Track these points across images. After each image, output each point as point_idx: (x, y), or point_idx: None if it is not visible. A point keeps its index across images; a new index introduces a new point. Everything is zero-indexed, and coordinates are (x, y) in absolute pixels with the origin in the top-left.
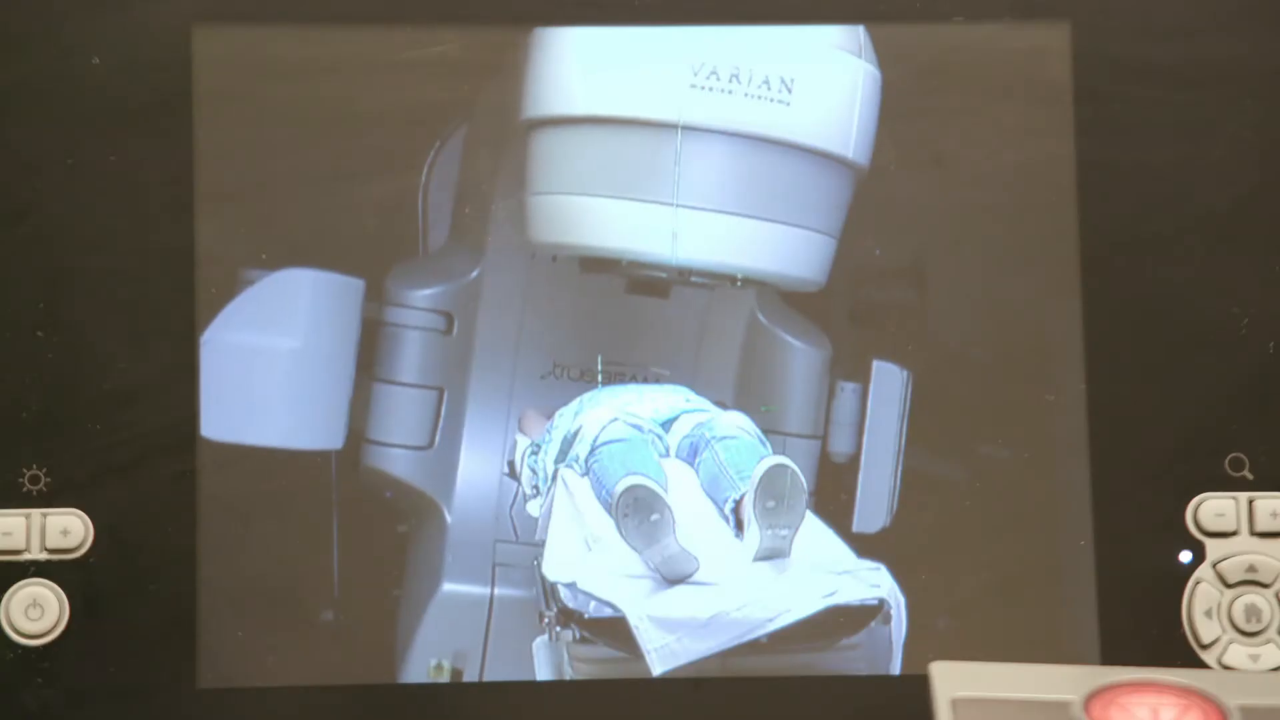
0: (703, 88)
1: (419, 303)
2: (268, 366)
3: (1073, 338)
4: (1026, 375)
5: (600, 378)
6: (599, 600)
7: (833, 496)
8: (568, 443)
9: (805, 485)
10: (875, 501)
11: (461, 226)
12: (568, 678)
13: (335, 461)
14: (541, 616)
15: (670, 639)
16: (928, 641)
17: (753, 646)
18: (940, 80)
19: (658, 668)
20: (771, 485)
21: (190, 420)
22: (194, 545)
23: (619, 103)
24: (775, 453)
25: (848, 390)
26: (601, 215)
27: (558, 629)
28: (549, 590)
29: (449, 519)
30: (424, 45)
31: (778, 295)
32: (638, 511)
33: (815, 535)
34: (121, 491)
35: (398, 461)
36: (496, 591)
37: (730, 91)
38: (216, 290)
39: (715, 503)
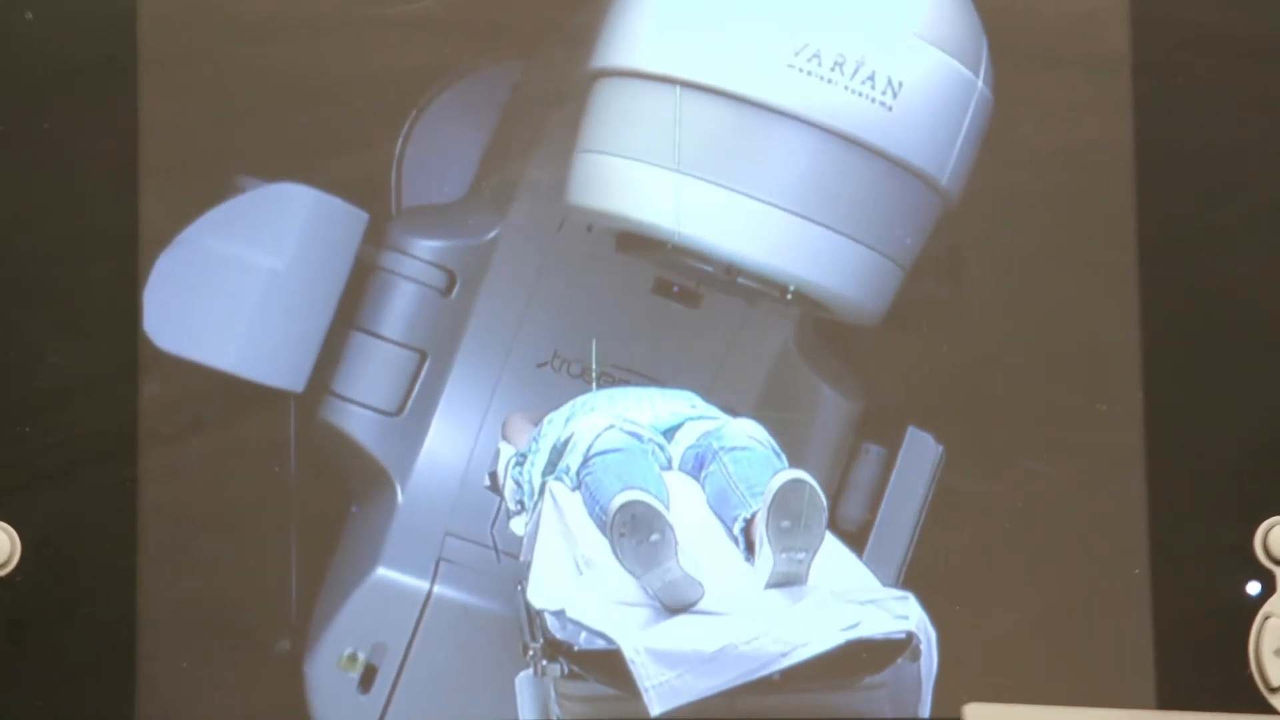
0: (801, 70)
1: (422, 253)
2: (242, 282)
3: (1128, 339)
4: (1075, 381)
5: (597, 379)
6: (590, 630)
7: None
8: (557, 452)
9: (825, 503)
10: (879, 578)
11: (486, 179)
12: (555, 718)
13: (294, 466)
14: (526, 648)
15: (671, 675)
16: (961, 681)
17: (764, 684)
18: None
19: (656, 707)
20: (787, 503)
21: (131, 422)
22: (134, 563)
23: (700, 67)
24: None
25: (873, 454)
26: (654, 186)
27: (544, 662)
28: (534, 619)
29: (400, 498)
30: (401, 2)
31: (816, 330)
32: (635, 531)
33: (835, 559)
34: (52, 502)
35: (358, 422)
36: (436, 589)
37: (830, 81)
38: None
39: (723, 521)
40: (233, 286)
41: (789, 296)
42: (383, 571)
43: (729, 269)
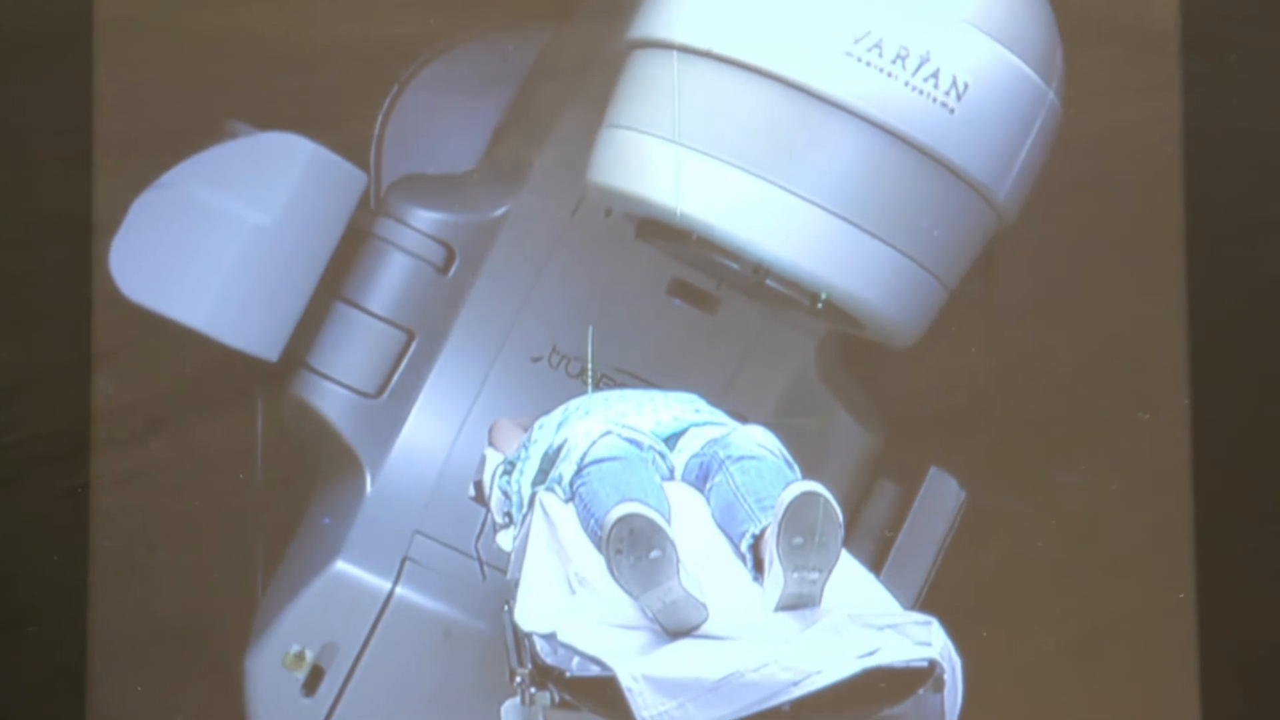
0: (859, 59)
1: (421, 224)
2: (224, 234)
3: (1173, 342)
4: (1115, 387)
5: (594, 380)
6: (583, 656)
7: None
8: (549, 460)
9: (840, 518)
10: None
11: (501, 152)
12: None
13: (261, 473)
14: (513, 674)
15: (671, 705)
16: (989, 713)
17: (773, 716)
18: None
19: None
20: (799, 517)
21: (83, 424)
22: (85, 577)
23: (747, 46)
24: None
25: (888, 492)
26: (683, 170)
27: (532, 690)
28: (522, 642)
29: (369, 487)
30: None
31: (840, 351)
32: (634, 547)
33: (852, 580)
34: None
35: (332, 401)
36: (399, 591)
37: (890, 74)
38: None
39: (729, 537)
40: (213, 239)
41: (819, 305)
42: (342, 565)
43: (757, 268)
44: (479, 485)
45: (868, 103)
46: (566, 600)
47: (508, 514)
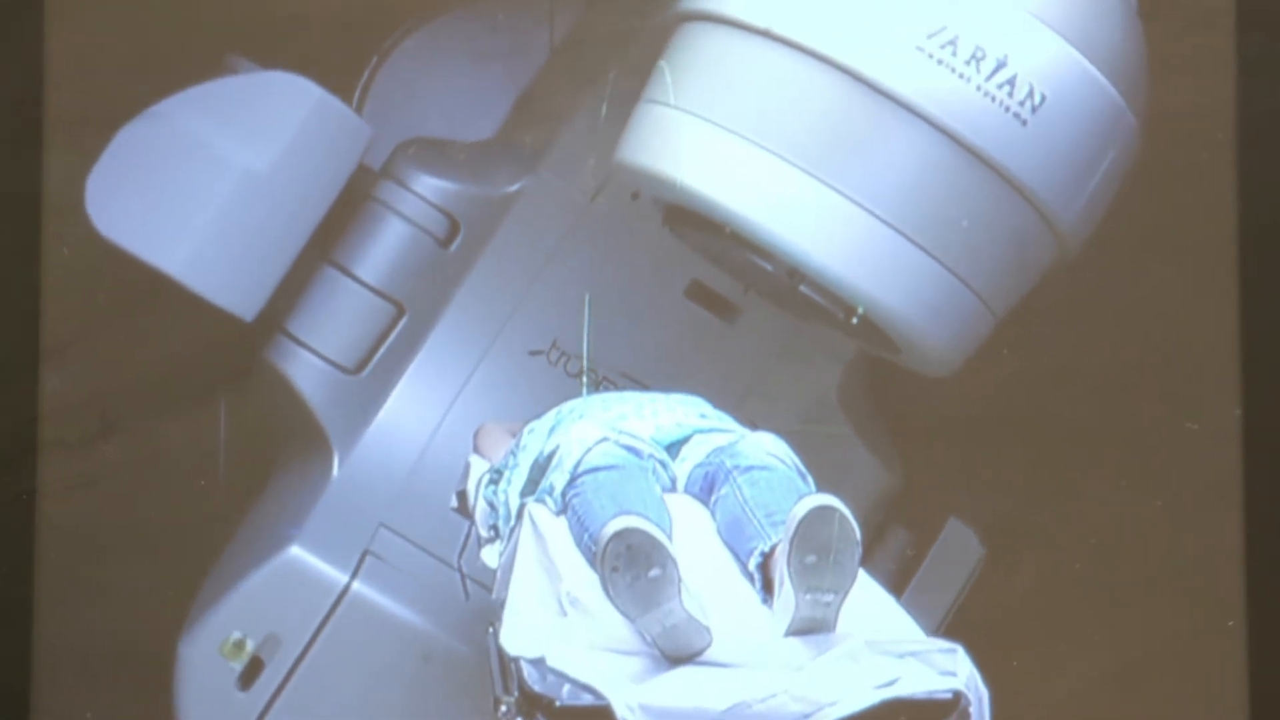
0: (931, 56)
1: (426, 191)
2: (212, 176)
3: (1224, 344)
4: (1160, 393)
5: (588, 380)
6: (575, 683)
7: None
8: (539, 469)
9: (858, 535)
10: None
11: (521, 124)
12: None
13: (224, 479)
14: (498, 703)
15: None
16: None
17: None
18: None
19: None
20: (813, 534)
21: (29, 425)
22: (30, 593)
23: (810, 28)
24: None
25: (900, 539)
26: (725, 155)
27: None
28: (508, 667)
29: (335, 471)
30: None
31: (867, 380)
32: (631, 564)
33: (869, 602)
34: None
35: (307, 372)
36: (356, 586)
37: (964, 76)
38: (71, 250)
39: (736, 555)
40: (200, 179)
41: (854, 320)
42: (297, 551)
43: (792, 272)
44: (462, 495)
45: (935, 104)
46: (557, 622)
47: (493, 527)
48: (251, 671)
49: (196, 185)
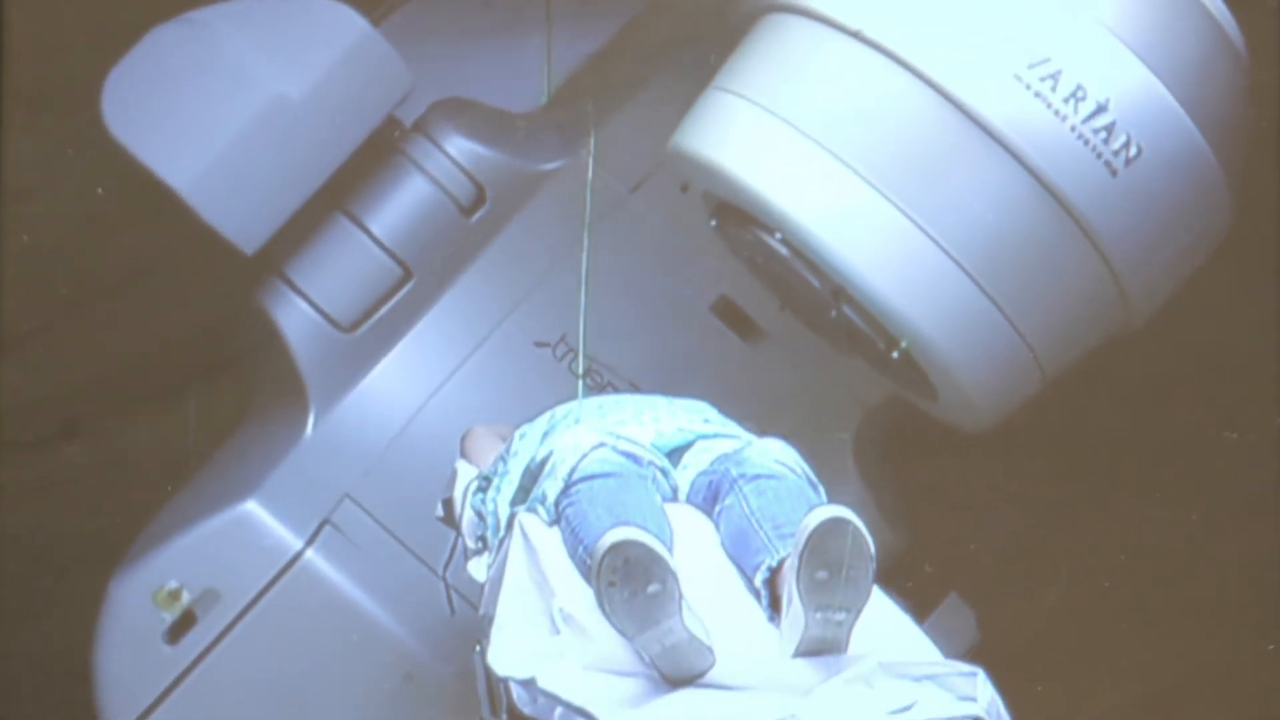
0: (1029, 87)
1: (459, 154)
2: (240, 96)
3: (1265, 350)
4: (1197, 401)
5: (585, 380)
6: (567, 706)
7: None
8: (531, 476)
9: (873, 550)
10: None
11: (568, 101)
12: None
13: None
14: None
15: None
16: None
17: None
18: None
19: None
20: (824, 548)
21: None
22: None
23: (907, 39)
24: None
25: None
26: (792, 155)
27: None
28: (496, 688)
29: (308, 429)
30: None
31: (887, 430)
32: (629, 579)
33: (884, 622)
34: None
35: (297, 321)
36: (309, 555)
37: (1059, 114)
38: (31, 236)
39: (742, 570)
40: (226, 95)
41: (895, 354)
42: (252, 506)
43: (838, 290)
44: (448, 504)
45: (1023, 137)
46: (549, 640)
47: (481, 538)
48: (182, 625)
49: (221, 101)
